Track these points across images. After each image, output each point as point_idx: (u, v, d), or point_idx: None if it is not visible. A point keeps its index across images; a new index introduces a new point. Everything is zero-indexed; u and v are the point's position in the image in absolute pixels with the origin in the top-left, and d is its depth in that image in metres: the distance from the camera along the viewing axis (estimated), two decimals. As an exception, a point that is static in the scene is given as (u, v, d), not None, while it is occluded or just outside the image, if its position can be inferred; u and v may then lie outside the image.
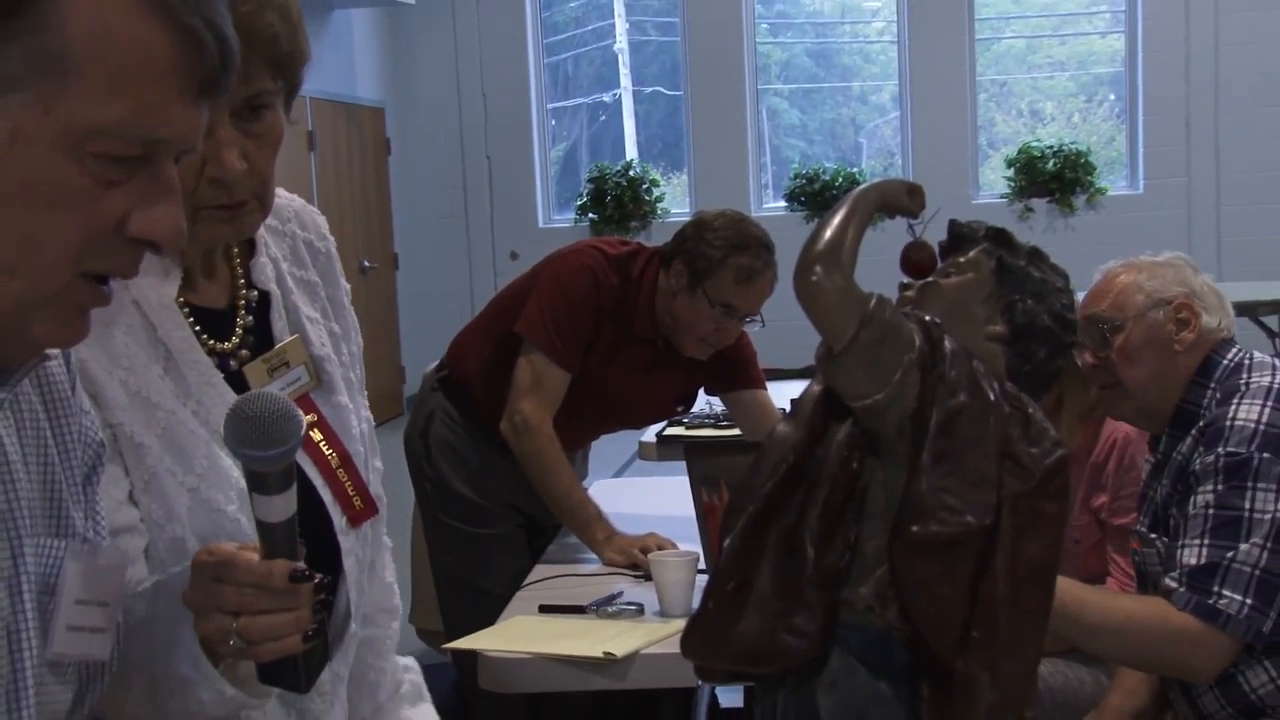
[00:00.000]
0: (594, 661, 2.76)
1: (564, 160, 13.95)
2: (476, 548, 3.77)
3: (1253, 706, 2.60)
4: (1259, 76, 12.27)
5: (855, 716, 1.31)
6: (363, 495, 1.73)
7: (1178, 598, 2.49)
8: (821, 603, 1.32)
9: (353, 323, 1.85)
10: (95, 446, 1.34)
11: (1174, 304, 2.67)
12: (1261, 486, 2.48)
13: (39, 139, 1.05)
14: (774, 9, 13.75)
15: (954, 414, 1.34)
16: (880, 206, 1.49)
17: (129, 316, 1.59)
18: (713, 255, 3.58)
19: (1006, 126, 13.52)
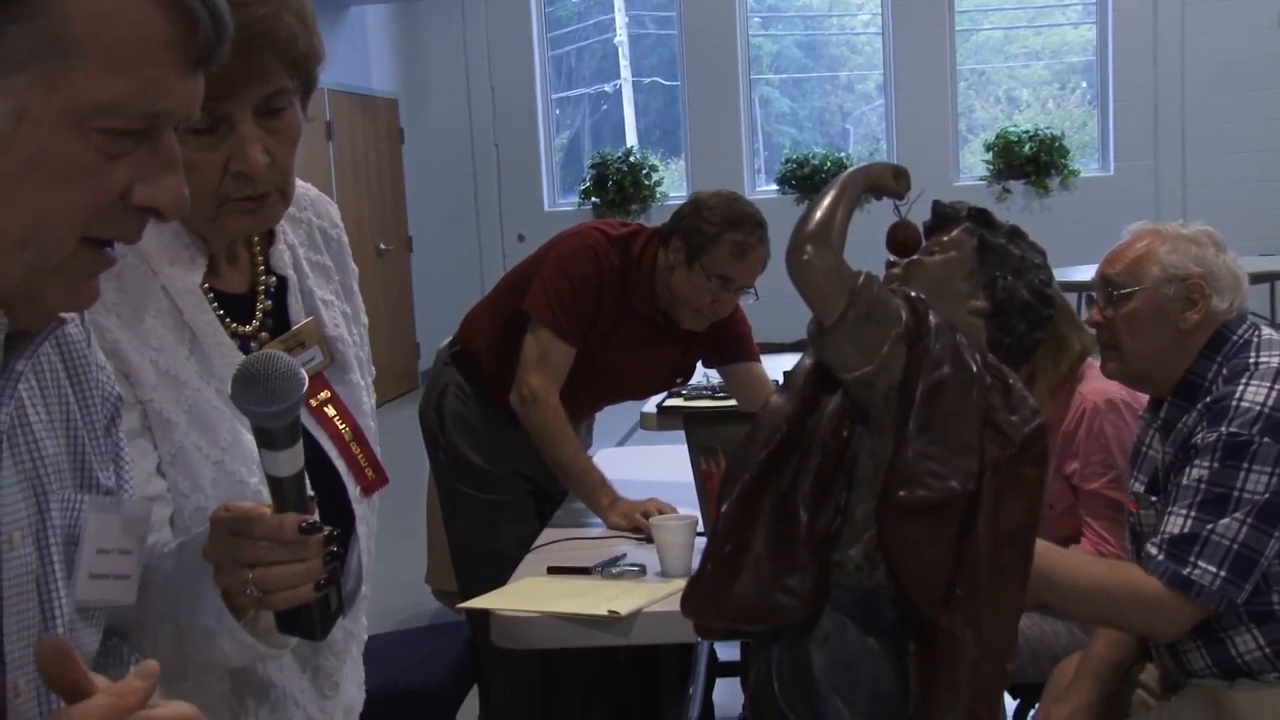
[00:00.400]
0: (599, 619, 2.76)
1: (568, 147, 13.93)
2: (488, 513, 3.78)
3: (1237, 669, 2.60)
4: (1222, 65, 12.23)
5: (846, 670, 1.30)
6: (374, 466, 1.74)
7: (1154, 565, 2.48)
8: (814, 564, 1.31)
9: (360, 304, 1.86)
10: (113, 399, 1.33)
11: (1187, 282, 2.61)
12: (1256, 469, 2.45)
13: (44, 117, 1.04)
14: (765, 3, 13.72)
15: (938, 385, 1.33)
16: (868, 189, 1.48)
17: (158, 301, 1.60)
18: (709, 231, 3.58)
19: (985, 113, 13.50)
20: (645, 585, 2.95)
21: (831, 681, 1.32)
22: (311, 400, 1.69)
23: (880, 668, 1.33)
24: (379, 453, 1.76)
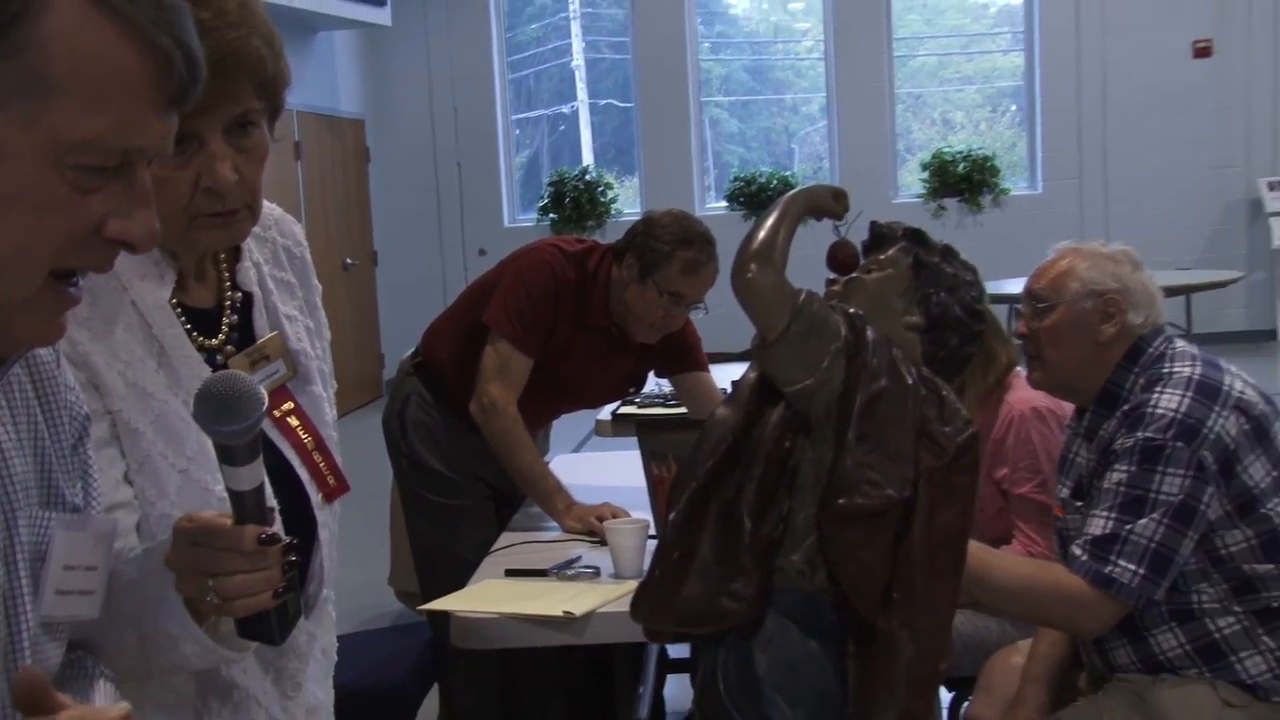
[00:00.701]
0: (555, 620, 2.75)
1: (527, 166, 13.90)
2: (448, 517, 3.76)
3: (1159, 665, 2.61)
4: (1141, 91, 12.33)
5: (788, 671, 1.30)
6: (335, 474, 1.73)
7: (1078, 564, 2.50)
8: (757, 569, 1.31)
9: (323, 320, 1.85)
10: (81, 419, 1.31)
11: (1104, 297, 2.65)
12: (1170, 471, 2.47)
13: (22, 152, 1.03)
14: (714, 29, 13.75)
15: (876, 397, 1.33)
16: (809, 209, 1.48)
17: (128, 316, 1.59)
18: (661, 249, 3.58)
19: (921, 134, 13.56)
20: (599, 587, 2.94)
21: (774, 681, 1.32)
22: (275, 411, 1.68)
23: (821, 668, 1.33)
24: (340, 461, 1.75)
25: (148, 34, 1.06)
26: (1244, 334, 12.27)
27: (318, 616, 1.77)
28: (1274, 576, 2.53)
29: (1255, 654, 2.54)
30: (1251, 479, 2.51)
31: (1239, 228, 12.43)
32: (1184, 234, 12.30)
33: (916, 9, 13.63)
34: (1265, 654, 2.54)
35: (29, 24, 1.01)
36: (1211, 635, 2.57)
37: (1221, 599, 2.55)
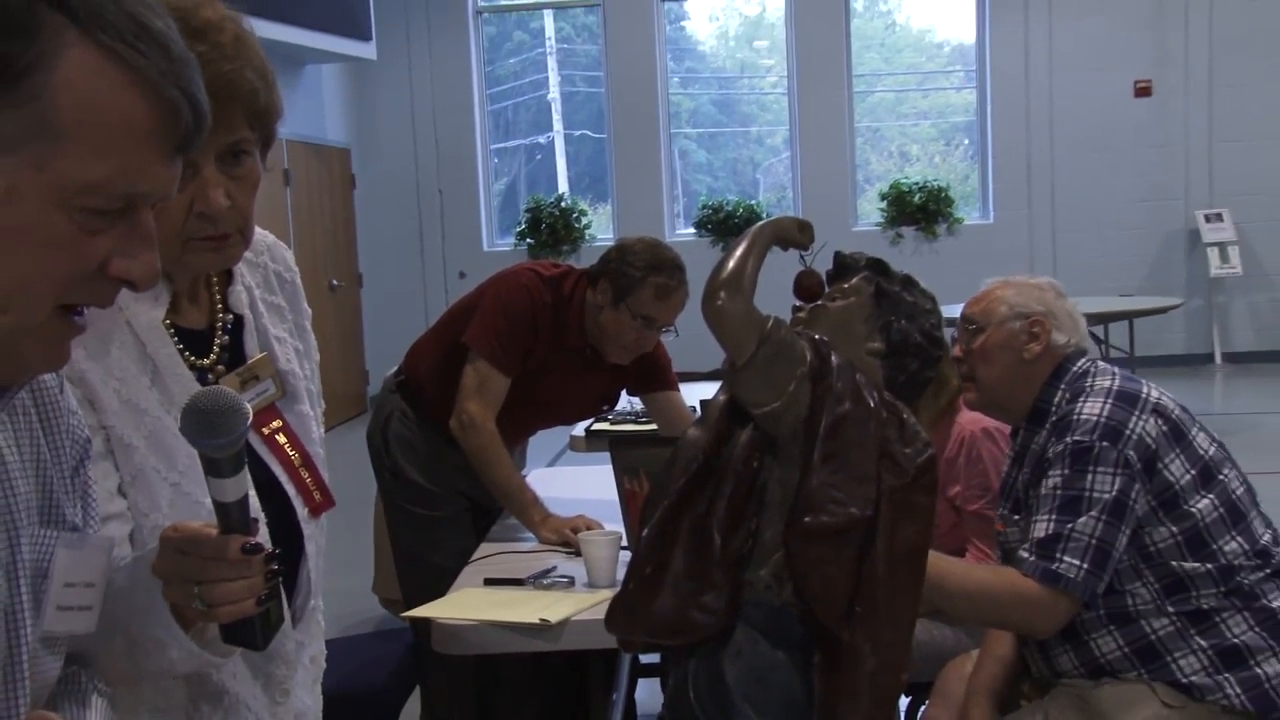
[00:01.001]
0: (531, 627, 2.74)
1: (505, 193, 13.90)
2: (429, 528, 3.74)
3: (1100, 669, 2.62)
4: (1085, 127, 12.44)
5: (757, 682, 1.29)
6: (321, 489, 1.72)
7: (1027, 565, 2.52)
8: (727, 583, 1.30)
9: (313, 343, 1.84)
10: (82, 443, 1.31)
11: (1030, 319, 2.72)
12: (1100, 470, 2.52)
13: (32, 194, 1.02)
14: (684, 65, 13.79)
15: (840, 419, 1.33)
16: (776, 240, 1.47)
17: (123, 335, 1.58)
18: (634, 275, 3.58)
19: (880, 165, 13.63)
20: (574, 595, 2.93)
21: (743, 691, 1.31)
22: (264, 429, 1.67)
23: (788, 678, 1.32)
24: (327, 477, 1.74)
25: (156, 86, 1.06)
26: (1183, 357, 12.37)
27: (305, 626, 1.75)
28: (1201, 575, 2.55)
29: (1189, 654, 2.55)
30: (1172, 475, 2.56)
31: (1178, 257, 12.52)
32: (1126, 262, 12.41)
33: (875, 48, 13.71)
34: (1198, 653, 2.55)
35: (42, 73, 1.01)
36: (1148, 637, 2.58)
37: (1155, 599, 2.57)
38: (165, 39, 1.07)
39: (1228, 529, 2.57)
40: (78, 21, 1.02)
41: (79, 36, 1.02)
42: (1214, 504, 2.57)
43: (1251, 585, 2.56)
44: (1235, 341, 12.50)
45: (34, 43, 1.00)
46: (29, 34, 1.00)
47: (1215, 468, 2.61)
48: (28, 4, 1.01)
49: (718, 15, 13.98)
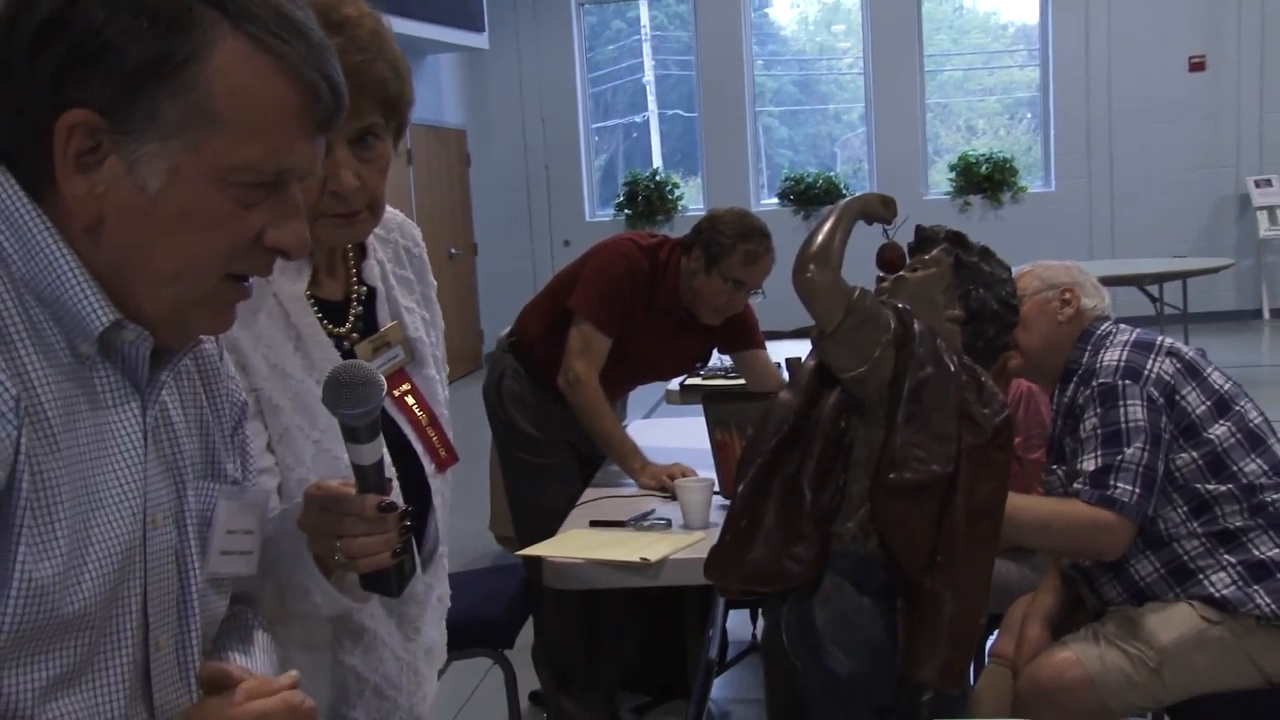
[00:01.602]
0: (633, 565, 2.73)
1: (605, 168, 13.89)
2: (539, 474, 3.75)
3: (1142, 593, 2.65)
4: (1141, 100, 12.16)
5: (844, 625, 1.27)
6: (446, 447, 1.71)
7: (1086, 495, 2.54)
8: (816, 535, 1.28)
9: (438, 312, 1.82)
10: (239, 405, 1.31)
11: (1060, 288, 2.80)
12: (1129, 402, 2.57)
13: (193, 175, 1.04)
14: (767, 49, 13.63)
15: (922, 383, 1.29)
16: (861, 215, 1.43)
17: (270, 306, 1.58)
18: (724, 242, 3.56)
19: (949, 139, 13.39)
20: (671, 536, 2.92)
21: (832, 634, 1.29)
22: (394, 391, 1.66)
23: (873, 622, 1.29)
24: (451, 436, 1.73)
25: (299, 70, 1.06)
26: (1233, 313, 12.16)
27: (434, 570, 1.76)
28: (1224, 495, 2.58)
29: (1219, 570, 2.57)
30: (1190, 405, 2.60)
31: (1229, 220, 12.25)
32: (1180, 226, 12.19)
33: (944, 30, 13.45)
34: (1227, 569, 2.56)
35: (198, 64, 1.02)
36: (1180, 558, 2.60)
37: (1184, 520, 2.59)
38: (305, 28, 1.08)
39: (1246, 452, 2.60)
40: (228, 15, 1.03)
41: (230, 29, 1.03)
42: (1231, 430, 2.60)
43: (1277, 507, 2.57)
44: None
45: (190, 37, 1.02)
46: (185, 30, 1.01)
47: (1231, 399, 2.65)
48: (184, 4, 1.02)
49: (798, 2, 13.79)
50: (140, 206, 1.04)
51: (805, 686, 1.28)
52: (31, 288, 1.03)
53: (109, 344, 1.08)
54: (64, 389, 1.04)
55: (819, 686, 1.28)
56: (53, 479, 1.02)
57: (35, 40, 1.01)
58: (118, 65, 1.00)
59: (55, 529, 1.02)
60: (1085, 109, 12.34)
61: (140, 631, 1.11)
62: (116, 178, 1.03)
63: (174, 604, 1.16)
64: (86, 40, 1.00)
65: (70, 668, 1.04)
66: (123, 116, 1.02)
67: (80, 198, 1.03)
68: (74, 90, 1.01)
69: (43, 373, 1.02)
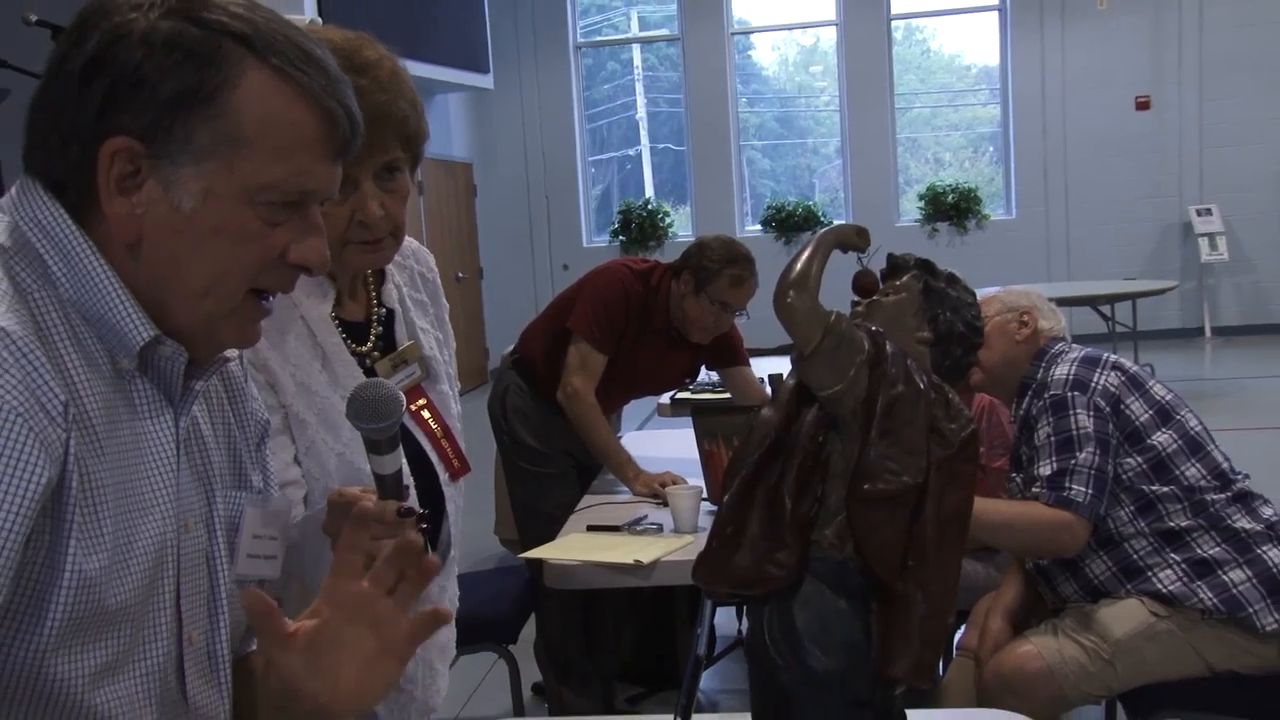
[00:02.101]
0: (627, 566, 2.73)
1: (601, 198, 13.90)
2: (540, 482, 3.74)
3: (1096, 590, 2.67)
4: (1094, 136, 12.25)
5: (822, 626, 1.25)
6: (459, 457, 1.71)
7: (1044, 497, 2.57)
8: (797, 541, 1.27)
9: (450, 332, 1.82)
10: (262, 423, 1.31)
11: (1019, 311, 2.83)
12: (1078, 412, 2.60)
13: (224, 194, 1.05)
14: (750, 87, 13.67)
15: (894, 400, 1.28)
16: (837, 244, 1.42)
17: (298, 328, 1.58)
18: (712, 267, 3.57)
19: (918, 170, 13.42)
20: (662, 540, 2.92)
21: (812, 634, 1.27)
22: (412, 406, 1.66)
23: (850, 623, 1.28)
24: (464, 448, 1.72)
25: (319, 98, 1.07)
26: (1178, 331, 12.21)
27: (447, 572, 1.76)
28: (1167, 496, 2.60)
29: (1166, 568, 2.58)
30: (1134, 414, 2.62)
31: (1173, 246, 12.30)
32: (1129, 251, 12.25)
33: (913, 70, 13.50)
34: (1174, 566, 2.58)
35: (228, 92, 1.04)
36: (1130, 557, 2.62)
37: (1131, 520, 2.61)
38: (324, 62, 1.09)
39: (1187, 458, 2.62)
40: (254, 50, 1.05)
41: (256, 62, 1.05)
42: (1173, 437, 2.62)
43: (1216, 509, 2.59)
44: (1223, 317, 12.26)
45: (220, 69, 1.03)
46: (215, 63, 1.03)
47: (1172, 409, 2.67)
48: (214, 40, 1.04)
49: (779, 45, 13.84)
50: (176, 224, 1.05)
51: (786, 682, 1.27)
52: (78, 307, 1.04)
53: (147, 359, 1.09)
54: (107, 399, 1.05)
55: (799, 682, 1.26)
56: (99, 480, 1.02)
57: (82, 76, 1.03)
58: (155, 96, 1.02)
59: (102, 527, 1.02)
60: (1042, 143, 12.39)
61: (174, 626, 1.11)
62: (155, 198, 1.04)
63: (204, 602, 1.16)
64: (127, 75, 1.02)
65: (114, 657, 1.04)
66: (160, 142, 1.03)
67: (122, 218, 1.04)
68: (116, 119, 1.03)
69: (88, 384, 1.03)
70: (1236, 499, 2.62)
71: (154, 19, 1.03)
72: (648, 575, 2.74)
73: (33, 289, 1.02)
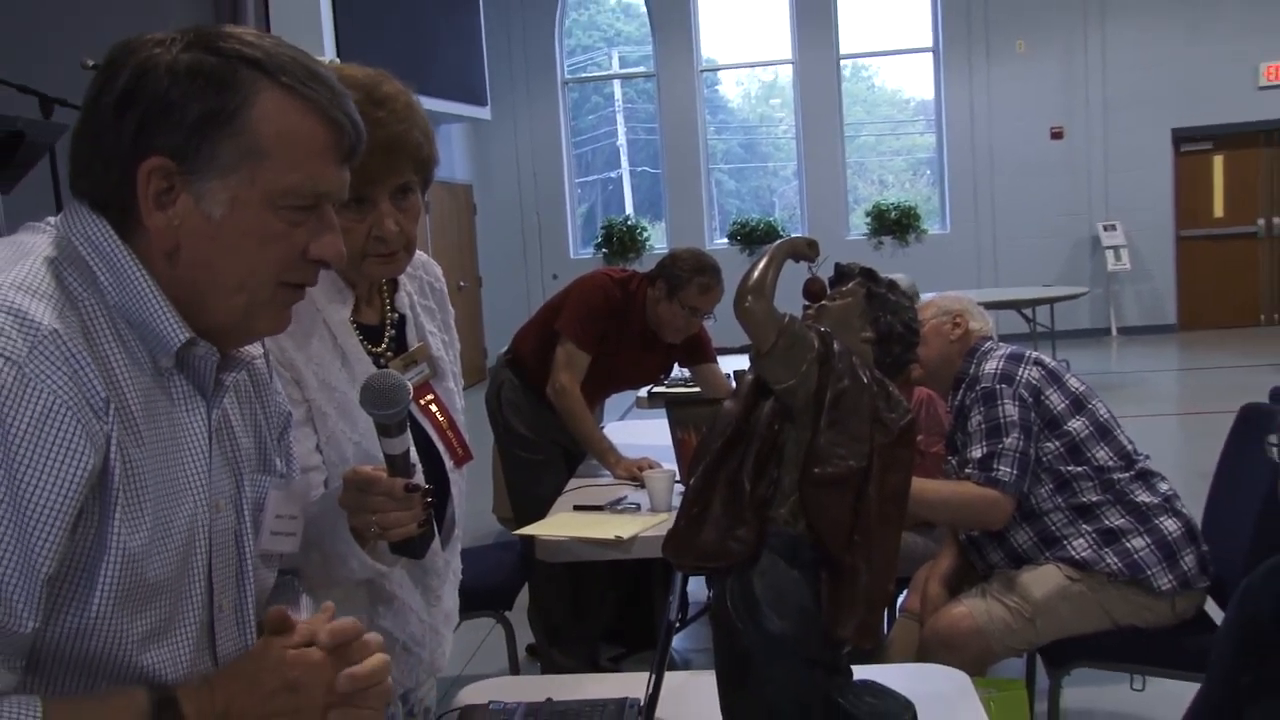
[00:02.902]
0: (609, 542, 2.72)
1: (586, 215, 13.87)
2: (532, 467, 3.72)
3: (1019, 557, 2.68)
4: (1016, 161, 12.29)
5: (778, 594, 1.25)
6: (463, 446, 1.69)
7: (975, 477, 2.58)
8: (755, 519, 1.26)
9: (455, 335, 1.80)
10: (285, 415, 1.30)
11: (952, 314, 2.84)
12: (1005, 402, 2.61)
13: (249, 201, 1.05)
14: (718, 117, 13.67)
15: (841, 393, 1.27)
16: (790, 254, 1.41)
17: (321, 331, 1.57)
18: (682, 276, 3.56)
19: (865, 190, 13.45)
20: (640, 517, 2.90)
21: (768, 600, 1.26)
22: (421, 400, 1.64)
23: (802, 591, 1.27)
24: (468, 438, 1.71)
25: (326, 111, 1.07)
26: (1089, 331, 12.31)
27: (452, 548, 1.74)
28: (1081, 475, 2.61)
29: (1079, 537, 2.61)
30: (1052, 404, 2.63)
31: (1085, 257, 12.39)
32: (1047, 261, 12.33)
33: (860, 103, 13.53)
34: (1085, 536, 2.60)
35: (246, 111, 1.04)
36: (1049, 528, 2.63)
37: (1049, 496, 2.62)
38: (329, 80, 1.08)
39: (1098, 441, 2.63)
40: (267, 72, 1.05)
41: (269, 83, 1.05)
42: (1085, 424, 2.64)
43: (1121, 485, 2.61)
44: (1126, 319, 12.37)
45: (238, 91, 1.04)
46: (233, 86, 1.04)
47: (1084, 399, 2.68)
48: (231, 66, 1.04)
49: (742, 81, 13.85)
50: (208, 231, 1.05)
51: (747, 644, 1.26)
52: (123, 312, 1.04)
53: (183, 358, 1.08)
54: (147, 393, 1.05)
55: (758, 644, 1.25)
56: (139, 467, 1.02)
57: (117, 108, 1.03)
58: (182, 119, 1.02)
59: (143, 508, 1.02)
60: (972, 167, 12.44)
61: (206, 596, 1.11)
62: (188, 210, 1.04)
63: (233, 574, 1.15)
64: (156, 103, 1.02)
65: (158, 624, 1.04)
66: (190, 159, 1.03)
67: (161, 229, 1.05)
68: (150, 142, 1.03)
69: (130, 380, 1.03)
70: (1138, 477, 2.64)
71: (176, 52, 1.03)
72: (627, 549, 2.72)
73: (82, 296, 1.02)
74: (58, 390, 0.95)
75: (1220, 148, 12.09)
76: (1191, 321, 12.25)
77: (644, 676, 1.53)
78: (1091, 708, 3.24)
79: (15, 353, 0.93)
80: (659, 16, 12.84)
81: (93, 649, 0.99)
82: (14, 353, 0.93)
